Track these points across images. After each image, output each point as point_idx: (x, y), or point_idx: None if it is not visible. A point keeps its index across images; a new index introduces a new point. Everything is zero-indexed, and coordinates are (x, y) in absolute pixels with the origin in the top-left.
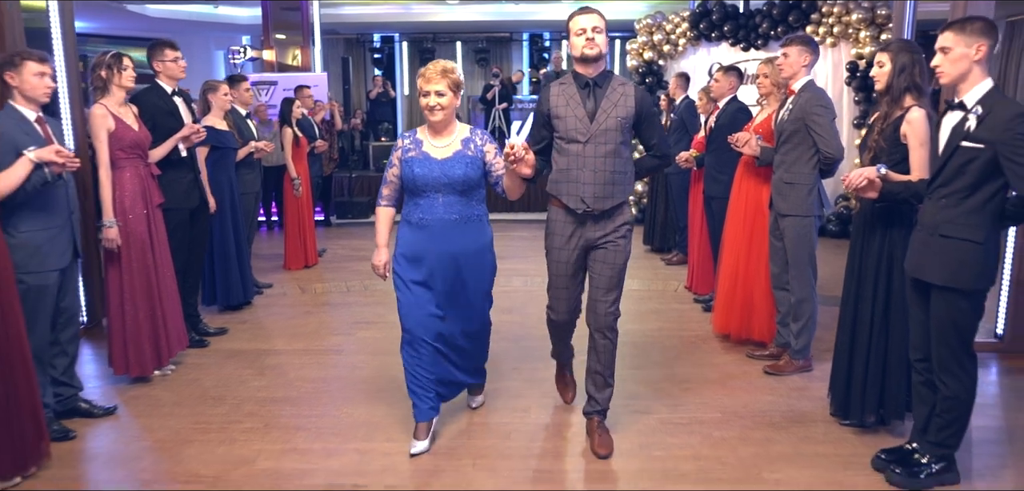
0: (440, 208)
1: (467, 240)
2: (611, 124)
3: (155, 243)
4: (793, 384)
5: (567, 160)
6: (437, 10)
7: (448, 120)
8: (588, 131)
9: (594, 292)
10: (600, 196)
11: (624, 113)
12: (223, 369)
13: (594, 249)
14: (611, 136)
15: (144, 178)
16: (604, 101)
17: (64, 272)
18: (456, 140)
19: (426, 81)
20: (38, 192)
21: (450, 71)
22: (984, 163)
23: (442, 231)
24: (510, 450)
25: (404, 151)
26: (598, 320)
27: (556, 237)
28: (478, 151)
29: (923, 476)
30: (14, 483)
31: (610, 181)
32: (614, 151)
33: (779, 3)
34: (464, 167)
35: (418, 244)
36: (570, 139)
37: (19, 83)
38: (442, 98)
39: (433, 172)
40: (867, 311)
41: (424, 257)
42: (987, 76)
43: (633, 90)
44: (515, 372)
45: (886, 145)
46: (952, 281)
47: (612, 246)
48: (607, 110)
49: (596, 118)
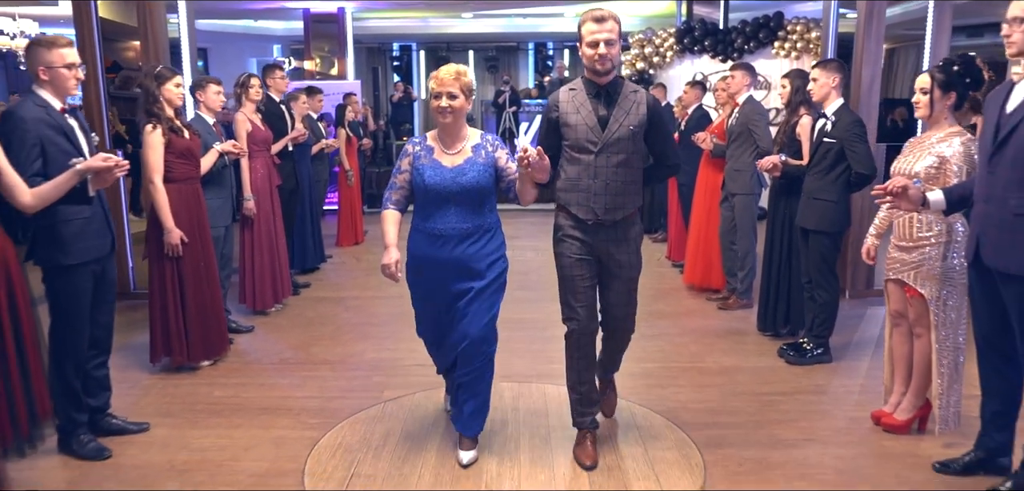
0: (453, 217)
1: (480, 250)
2: (623, 134)
3: (275, 215)
4: (736, 315)
5: (577, 170)
6: (452, 23)
7: (459, 124)
8: (600, 140)
9: (611, 307)
10: (611, 207)
11: (636, 122)
12: (318, 308)
13: (606, 266)
14: (623, 145)
15: (269, 167)
16: (616, 109)
17: (227, 229)
18: (467, 146)
19: (439, 83)
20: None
21: (462, 74)
22: (837, 152)
23: (455, 240)
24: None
25: (415, 157)
26: (615, 335)
27: (565, 244)
28: (489, 157)
29: (807, 357)
30: (204, 365)
31: (621, 192)
32: (626, 161)
33: (751, 22)
34: (476, 174)
35: (430, 253)
36: (581, 148)
37: (204, 98)
38: (454, 100)
39: (445, 179)
40: (778, 253)
41: (435, 266)
42: (840, 96)
43: (645, 98)
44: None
45: (787, 141)
46: (819, 225)
47: (626, 260)
48: (619, 119)
49: (608, 127)
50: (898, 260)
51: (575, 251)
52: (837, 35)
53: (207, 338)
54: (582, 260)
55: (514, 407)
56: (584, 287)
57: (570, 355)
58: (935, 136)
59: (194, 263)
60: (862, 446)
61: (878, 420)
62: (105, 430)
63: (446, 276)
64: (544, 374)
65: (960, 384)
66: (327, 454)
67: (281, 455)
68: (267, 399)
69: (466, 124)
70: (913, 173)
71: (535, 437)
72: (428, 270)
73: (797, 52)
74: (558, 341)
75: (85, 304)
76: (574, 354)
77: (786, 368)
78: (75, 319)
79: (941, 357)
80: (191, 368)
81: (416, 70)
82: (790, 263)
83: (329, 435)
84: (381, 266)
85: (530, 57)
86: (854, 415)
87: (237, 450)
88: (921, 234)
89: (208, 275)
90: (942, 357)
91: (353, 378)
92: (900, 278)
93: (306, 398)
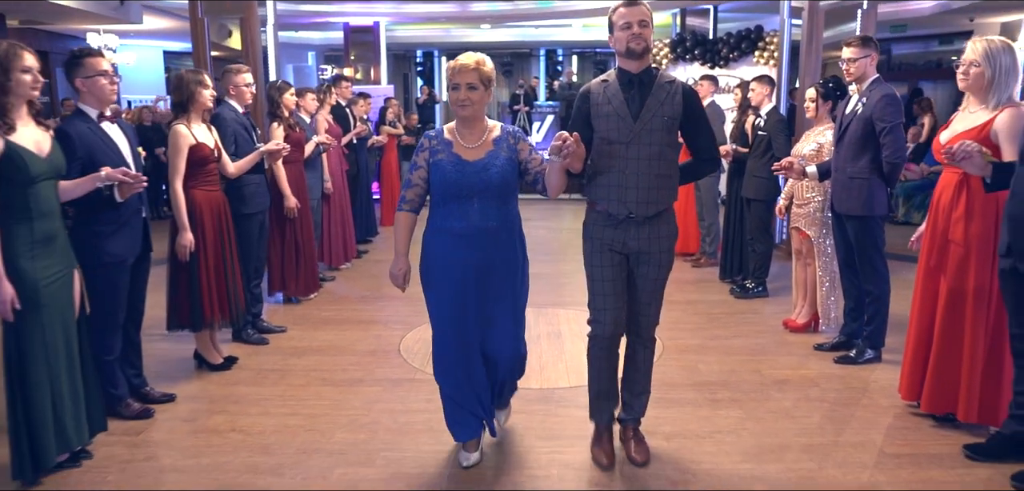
0: (475, 214)
1: (504, 248)
2: (657, 124)
3: (344, 193)
4: (706, 270)
5: (609, 162)
6: (471, 32)
7: (478, 116)
8: (632, 132)
9: (637, 304)
10: (644, 201)
11: (671, 113)
12: (379, 265)
13: (638, 260)
14: (657, 137)
15: (341, 156)
16: (650, 99)
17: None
18: (488, 139)
19: (457, 73)
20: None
21: (482, 64)
22: (767, 141)
23: (478, 239)
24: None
25: (432, 152)
26: (640, 330)
27: (595, 243)
28: (512, 150)
29: (749, 293)
30: (313, 297)
31: (655, 186)
32: (659, 153)
33: (735, 34)
34: (500, 169)
35: (451, 254)
36: (612, 140)
37: (303, 104)
38: (474, 91)
39: (467, 175)
40: (733, 222)
41: (457, 269)
42: (771, 101)
43: (681, 88)
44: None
45: (739, 134)
46: (756, 195)
47: (656, 259)
48: (653, 109)
49: (640, 118)
50: (796, 214)
51: (606, 249)
52: (791, 44)
53: (309, 279)
54: (612, 260)
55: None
56: (613, 290)
57: (592, 357)
58: (818, 129)
59: (304, 223)
60: (772, 337)
61: (787, 325)
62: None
63: (469, 280)
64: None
65: (837, 297)
66: (412, 342)
67: (380, 343)
68: (359, 316)
69: (486, 116)
70: (801, 154)
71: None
72: (449, 274)
73: (775, 61)
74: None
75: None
76: (596, 356)
77: (733, 300)
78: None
79: (822, 279)
80: (297, 301)
81: (438, 74)
82: (742, 228)
83: (411, 333)
84: (390, 274)
85: (541, 63)
86: (773, 324)
87: (350, 340)
88: (807, 195)
89: (308, 233)
90: (824, 278)
91: (419, 306)
92: (797, 226)
93: (387, 315)
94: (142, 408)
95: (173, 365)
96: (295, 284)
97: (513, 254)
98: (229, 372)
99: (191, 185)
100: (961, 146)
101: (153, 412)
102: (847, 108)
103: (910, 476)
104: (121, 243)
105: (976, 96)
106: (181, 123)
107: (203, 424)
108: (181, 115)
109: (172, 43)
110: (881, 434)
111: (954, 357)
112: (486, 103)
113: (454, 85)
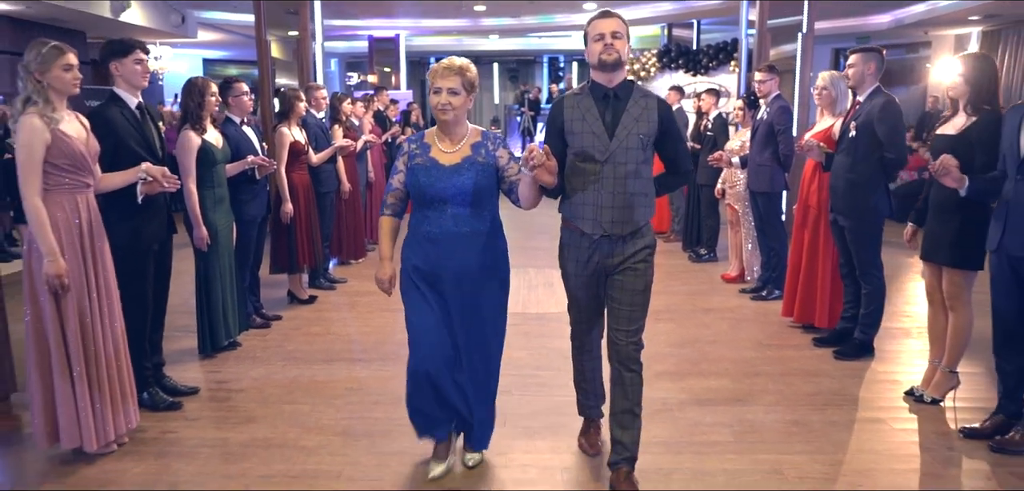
0: (449, 220)
1: (478, 256)
2: (632, 142)
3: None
4: (674, 245)
5: (583, 180)
6: (481, 41)
7: (459, 121)
8: (607, 149)
9: (614, 324)
10: (619, 220)
11: (646, 130)
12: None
13: (612, 275)
14: (632, 155)
15: (380, 153)
16: (624, 116)
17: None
18: (466, 145)
19: (439, 77)
20: None
21: (466, 69)
22: (713, 140)
23: (451, 245)
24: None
25: (411, 157)
26: (620, 353)
27: (570, 262)
28: (490, 157)
29: (703, 258)
30: (359, 261)
31: (629, 204)
32: (635, 171)
33: (714, 45)
34: (474, 175)
35: (427, 260)
36: (586, 157)
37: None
38: (455, 96)
39: (440, 181)
40: (693, 204)
41: (433, 274)
42: (717, 109)
43: (656, 104)
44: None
45: (698, 133)
46: (701, 182)
47: (631, 272)
48: (628, 126)
49: (616, 135)
50: (728, 194)
51: (581, 268)
52: (749, 54)
53: (357, 246)
54: (589, 277)
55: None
56: (589, 315)
57: (575, 357)
58: (744, 131)
59: (354, 203)
60: (710, 286)
61: (723, 278)
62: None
63: (444, 286)
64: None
65: (756, 255)
66: None
67: None
68: None
69: (467, 121)
70: (729, 148)
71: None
72: (425, 279)
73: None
74: None
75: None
76: (579, 357)
77: (689, 263)
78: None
79: (746, 240)
80: (350, 262)
81: None
82: (700, 210)
83: None
84: (375, 279)
85: (545, 69)
86: (714, 280)
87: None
88: (736, 179)
89: (358, 211)
90: (747, 240)
91: None
92: (729, 202)
93: None
94: (263, 321)
95: (270, 304)
96: (349, 248)
97: (488, 260)
98: (311, 305)
99: (289, 170)
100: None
101: (271, 324)
102: (759, 114)
103: (772, 354)
104: (255, 207)
105: (827, 109)
106: (284, 126)
107: (306, 331)
108: (283, 120)
109: (211, 52)
110: (764, 333)
111: (812, 284)
112: (468, 107)
113: (436, 89)
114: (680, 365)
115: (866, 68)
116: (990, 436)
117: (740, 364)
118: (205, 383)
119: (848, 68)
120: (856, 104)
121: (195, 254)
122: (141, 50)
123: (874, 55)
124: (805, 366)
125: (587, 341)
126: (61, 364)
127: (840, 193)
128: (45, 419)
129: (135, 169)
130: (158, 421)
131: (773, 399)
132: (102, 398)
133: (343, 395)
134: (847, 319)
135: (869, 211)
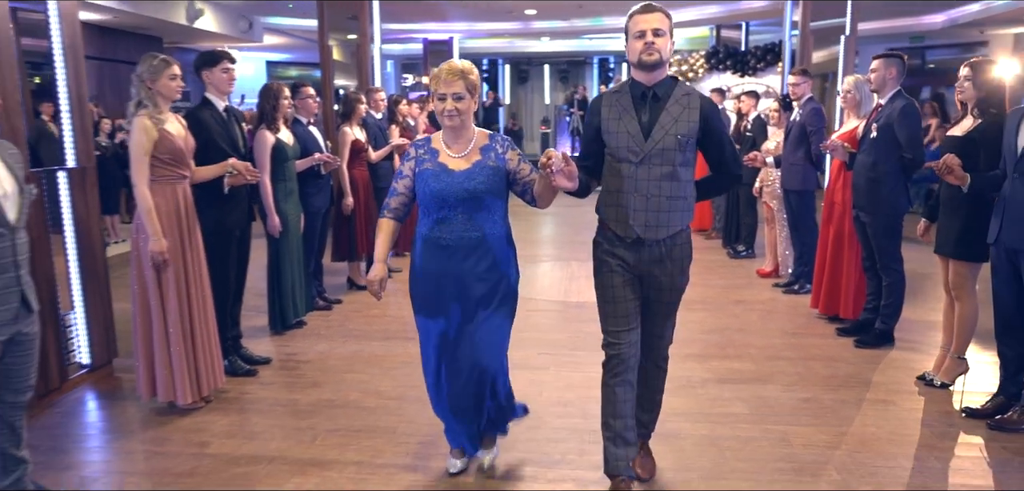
0: (459, 225)
1: (489, 259)
2: (669, 142)
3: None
4: (715, 242)
5: (618, 182)
6: (532, 43)
7: (465, 125)
8: (642, 150)
9: (649, 326)
10: (653, 224)
11: (685, 130)
12: None
13: (649, 282)
14: (669, 156)
15: None
16: (663, 115)
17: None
18: (474, 149)
19: (443, 83)
20: None
21: (469, 72)
22: (751, 141)
23: (462, 250)
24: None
25: (418, 162)
26: (652, 353)
27: (604, 264)
28: (499, 160)
29: (742, 254)
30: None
31: (665, 208)
32: (671, 173)
33: (761, 47)
34: (486, 178)
35: (436, 264)
36: (621, 158)
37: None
38: (460, 101)
39: (451, 186)
40: (733, 202)
41: (443, 279)
42: (756, 111)
43: (698, 101)
44: None
45: (738, 134)
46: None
47: (668, 280)
48: (665, 126)
49: (652, 135)
50: (764, 192)
51: (616, 271)
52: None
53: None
54: (624, 281)
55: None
56: (626, 311)
57: (606, 385)
58: (778, 131)
59: None
60: (745, 280)
61: (759, 273)
62: None
63: (453, 292)
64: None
65: (790, 251)
66: None
67: None
68: None
69: (473, 125)
70: (765, 148)
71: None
72: (433, 284)
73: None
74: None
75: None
76: (611, 383)
77: (728, 261)
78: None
79: (781, 237)
80: (403, 254)
81: (501, 80)
82: (738, 207)
83: None
84: (367, 280)
85: (595, 71)
86: (750, 275)
87: None
88: (771, 177)
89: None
90: (782, 237)
91: None
92: (765, 200)
93: None
94: (326, 304)
95: (331, 289)
96: (404, 240)
97: (498, 265)
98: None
99: (351, 167)
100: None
101: (333, 307)
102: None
103: (796, 342)
104: (321, 199)
105: (852, 111)
106: (346, 126)
107: (365, 313)
108: (346, 120)
109: (275, 54)
110: (791, 324)
111: (837, 277)
112: (472, 110)
113: (440, 95)
114: (707, 349)
115: (887, 72)
116: (991, 415)
117: (764, 349)
118: (276, 354)
119: (871, 73)
120: (878, 107)
121: (268, 240)
122: (228, 60)
123: (895, 60)
124: (826, 352)
125: (621, 364)
126: (160, 329)
127: (862, 191)
128: (147, 375)
129: (223, 164)
130: (237, 384)
131: (791, 380)
132: (194, 359)
133: (399, 367)
134: (869, 310)
135: (889, 207)
